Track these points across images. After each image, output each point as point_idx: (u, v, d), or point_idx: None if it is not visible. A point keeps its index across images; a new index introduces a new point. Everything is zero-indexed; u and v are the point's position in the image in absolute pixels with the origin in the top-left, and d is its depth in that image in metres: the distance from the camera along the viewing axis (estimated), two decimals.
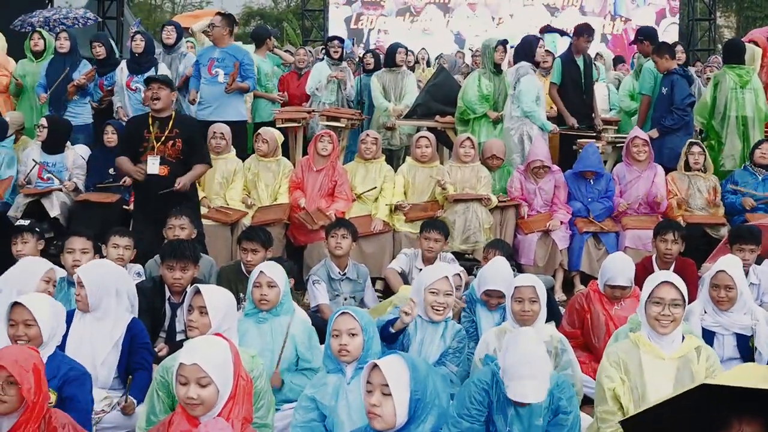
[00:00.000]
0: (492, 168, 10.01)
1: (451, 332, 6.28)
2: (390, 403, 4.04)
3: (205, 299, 5.27)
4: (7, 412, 4.20)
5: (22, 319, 5.12)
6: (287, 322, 6.09)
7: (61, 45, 11.27)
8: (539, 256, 9.35)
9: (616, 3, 25.37)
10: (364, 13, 25.43)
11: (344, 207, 9.69)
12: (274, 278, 6.07)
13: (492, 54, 10.88)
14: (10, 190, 9.85)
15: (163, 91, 8.35)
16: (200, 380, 4.19)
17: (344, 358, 5.12)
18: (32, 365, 4.24)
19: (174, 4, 45.71)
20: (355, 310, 5.24)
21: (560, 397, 5.01)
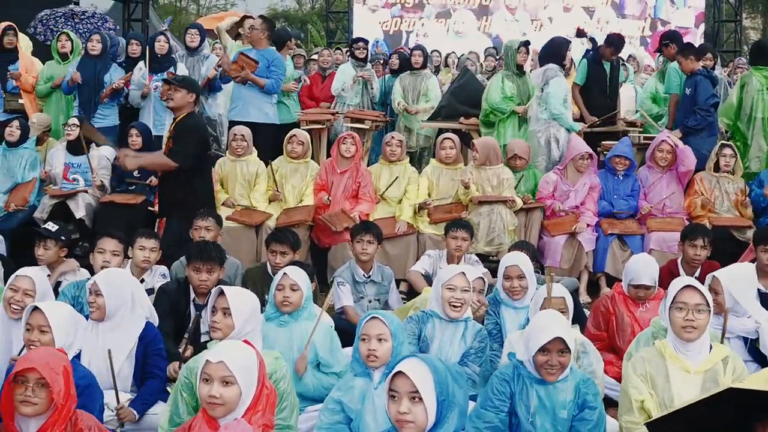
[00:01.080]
0: (515, 168, 9.98)
1: (472, 332, 6.26)
2: (420, 408, 4.01)
3: (229, 301, 5.27)
4: (36, 414, 4.20)
5: (37, 324, 5.14)
6: (309, 327, 6.08)
7: (92, 47, 11.30)
8: (565, 258, 9.32)
9: (656, 6, 25.17)
10: (403, 17, 25.37)
11: (368, 209, 9.68)
12: (298, 281, 6.07)
13: (515, 55, 10.87)
14: (35, 192, 9.87)
15: (178, 92, 8.36)
16: (224, 378, 4.19)
17: (372, 363, 5.10)
18: (62, 368, 4.24)
19: (199, 6, 45.87)
20: (386, 315, 5.20)
21: (586, 392, 5.00)
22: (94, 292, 5.87)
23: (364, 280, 7.95)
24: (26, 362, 4.21)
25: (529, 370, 5.07)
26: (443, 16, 25.31)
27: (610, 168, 9.90)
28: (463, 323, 6.24)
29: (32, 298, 5.89)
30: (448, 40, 23.71)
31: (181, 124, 8.43)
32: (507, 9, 25.09)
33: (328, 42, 27.07)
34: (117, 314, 5.89)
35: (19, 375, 4.19)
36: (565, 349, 4.95)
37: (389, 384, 4.08)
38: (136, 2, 21.61)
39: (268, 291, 6.90)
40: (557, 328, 4.94)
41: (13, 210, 9.57)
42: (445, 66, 16.99)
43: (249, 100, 10.75)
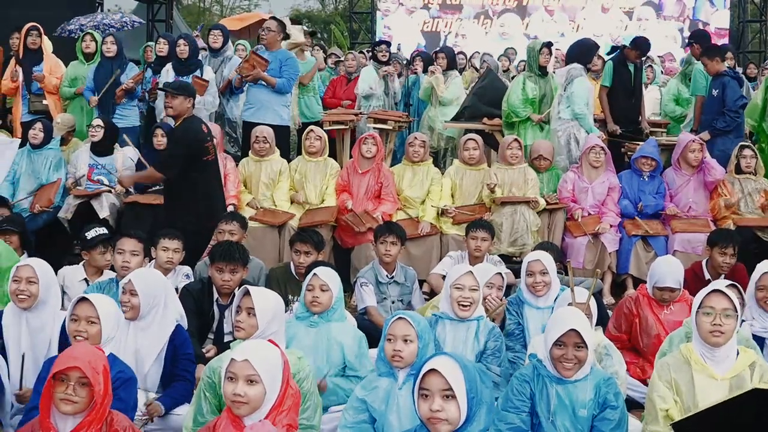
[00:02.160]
0: (539, 169, 9.97)
1: (485, 331, 6.23)
2: (453, 405, 4.01)
3: (254, 301, 5.27)
4: (75, 413, 4.22)
5: (85, 315, 5.18)
6: (338, 330, 6.08)
7: (108, 49, 11.33)
8: (588, 259, 9.29)
9: (695, 7, 25.06)
10: (441, 17, 25.36)
11: (391, 209, 9.68)
12: (328, 282, 6.06)
13: (537, 57, 10.84)
14: (60, 193, 9.90)
15: (175, 99, 8.33)
16: (249, 377, 4.19)
17: (397, 364, 5.09)
18: (102, 367, 4.26)
19: (222, 7, 45.94)
20: (412, 316, 5.19)
21: (607, 391, 4.98)
22: (129, 291, 5.89)
23: (387, 281, 7.95)
24: (69, 360, 4.21)
25: (548, 368, 5.07)
26: (482, 17, 25.26)
27: (635, 169, 9.85)
28: (474, 322, 6.23)
29: (36, 285, 5.90)
30: (492, 41, 23.60)
31: (172, 132, 8.50)
32: (545, 10, 25.02)
33: (351, 43, 27.09)
34: (149, 314, 5.92)
35: (60, 373, 4.19)
36: (582, 344, 4.94)
37: (420, 382, 4.07)
38: (160, 3, 21.66)
39: (292, 291, 6.92)
40: (573, 321, 4.95)
41: (38, 211, 9.59)
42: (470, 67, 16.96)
43: (264, 103, 10.74)
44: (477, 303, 6.22)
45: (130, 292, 5.88)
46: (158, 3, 21.57)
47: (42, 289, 5.92)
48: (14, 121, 11.74)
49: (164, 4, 21.70)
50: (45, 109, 11.49)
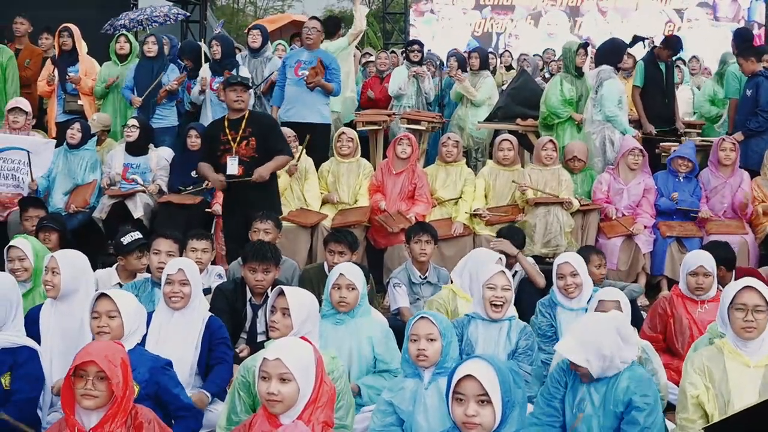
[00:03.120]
0: (574, 171, 9.94)
1: (516, 330, 6.22)
2: (489, 410, 4.00)
3: (289, 301, 5.28)
4: (97, 407, 4.24)
5: (105, 310, 5.20)
6: (364, 325, 6.10)
7: (149, 49, 11.37)
8: (622, 260, 9.25)
9: (750, 9, 24.82)
10: (494, 18, 25.32)
11: (424, 210, 9.68)
12: (354, 281, 6.07)
13: (573, 57, 10.80)
14: (95, 193, 9.95)
15: (245, 93, 8.44)
16: (282, 375, 4.20)
17: (422, 363, 5.09)
18: (120, 360, 4.28)
19: (256, 8, 46.07)
20: (435, 315, 5.20)
21: (635, 393, 4.93)
22: (179, 282, 6.00)
23: (420, 282, 7.94)
24: (85, 356, 4.24)
25: None
26: (535, 18, 25.19)
27: (671, 170, 9.80)
28: (506, 322, 6.21)
29: (59, 276, 5.98)
30: (540, 41, 23.51)
31: (254, 122, 8.49)
32: (598, 10, 24.90)
33: (384, 43, 27.08)
34: (193, 302, 6.06)
35: (79, 368, 4.22)
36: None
37: (455, 386, 4.07)
38: (194, 4, 21.74)
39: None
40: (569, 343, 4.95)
41: (73, 211, 9.65)
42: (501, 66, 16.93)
43: (304, 102, 10.75)
44: (509, 303, 6.21)
45: (181, 283, 6.01)
46: (192, 4, 21.66)
47: (66, 279, 5.98)
48: (49, 120, 11.81)
49: (198, 4, 21.78)
50: (80, 110, 11.54)
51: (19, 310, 5.56)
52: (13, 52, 12.29)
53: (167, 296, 6.02)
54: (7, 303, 5.43)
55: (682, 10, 24.77)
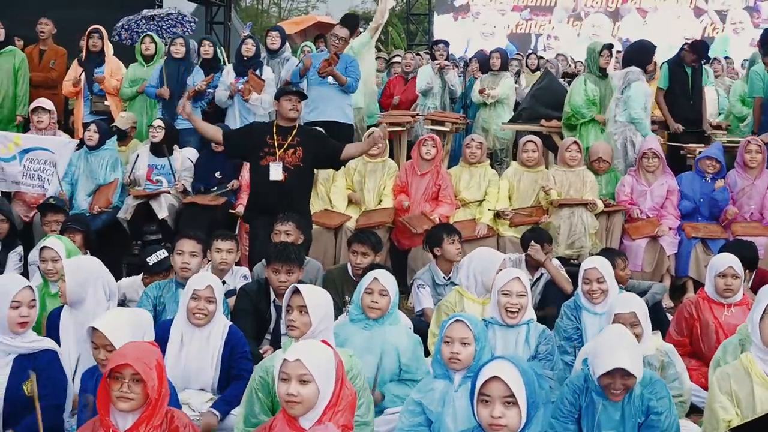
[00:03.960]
0: (598, 172, 9.90)
1: (535, 334, 6.18)
2: (514, 412, 4.00)
3: (305, 298, 5.27)
4: (132, 409, 4.25)
5: (102, 344, 5.00)
6: (393, 333, 6.07)
7: (176, 50, 11.40)
8: (647, 262, 9.21)
9: None
10: (532, 19, 25.27)
11: (449, 211, 9.66)
12: (387, 287, 6.05)
13: (597, 58, 10.78)
14: (118, 193, 9.98)
15: (300, 104, 8.49)
16: (302, 377, 4.19)
17: (454, 366, 5.08)
18: (155, 362, 4.29)
19: (280, 9, 46.13)
20: (470, 318, 5.17)
21: (650, 398, 4.94)
22: (205, 299, 5.91)
23: (444, 283, 7.92)
24: (120, 358, 4.25)
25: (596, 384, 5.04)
26: (574, 19, 25.11)
27: (699, 171, 9.75)
28: (524, 326, 6.17)
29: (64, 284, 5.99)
30: (578, 44, 23.45)
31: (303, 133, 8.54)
32: (639, 12, 24.78)
33: (408, 44, 27.10)
34: (215, 318, 5.99)
35: (114, 371, 4.23)
36: (630, 375, 4.88)
37: (480, 388, 4.05)
38: (218, 5, 21.80)
39: (349, 292, 6.91)
40: (620, 355, 4.86)
41: (97, 212, 9.67)
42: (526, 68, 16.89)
43: (328, 100, 10.74)
44: (525, 309, 6.17)
45: (209, 300, 5.93)
46: (216, 5, 21.71)
47: (71, 287, 5.98)
48: (76, 121, 11.86)
49: (222, 6, 21.83)
50: (107, 110, 11.59)
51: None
52: (38, 53, 12.36)
53: (191, 312, 5.93)
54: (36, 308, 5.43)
55: (723, 12, 24.61)
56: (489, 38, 24.55)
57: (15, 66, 11.65)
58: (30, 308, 5.36)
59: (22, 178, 10.02)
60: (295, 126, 8.50)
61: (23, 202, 9.97)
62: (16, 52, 11.81)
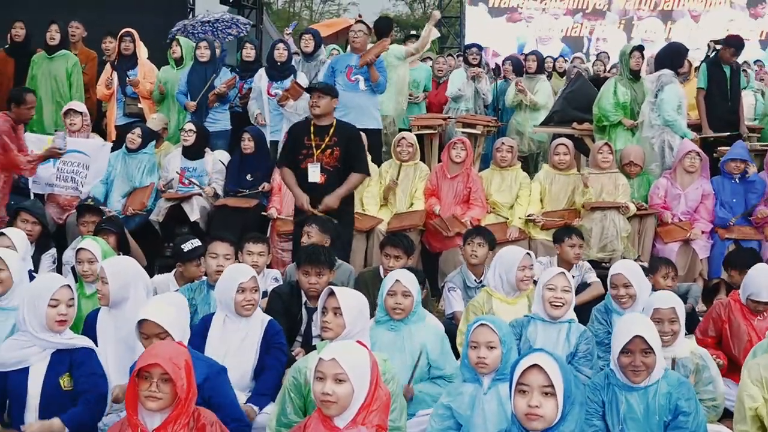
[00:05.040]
0: (630, 175, 9.86)
1: (576, 334, 6.21)
2: (552, 403, 3.99)
3: (340, 300, 5.29)
4: (160, 409, 4.27)
5: (152, 333, 5.09)
6: (419, 331, 6.07)
7: (201, 54, 11.43)
8: (679, 266, 9.10)
9: None
10: (584, 24, 25.23)
11: (480, 214, 9.65)
12: (409, 287, 6.05)
13: (627, 61, 10.75)
14: (153, 196, 10.02)
15: (323, 99, 8.39)
16: (337, 376, 4.20)
17: (482, 370, 5.07)
18: (184, 362, 4.31)
19: (312, 12, 46.27)
20: (494, 321, 5.17)
21: (679, 397, 4.94)
22: (251, 289, 6.04)
23: (475, 286, 7.90)
24: (150, 358, 4.27)
25: (618, 376, 5.06)
26: (627, 23, 25.02)
27: (725, 173, 9.69)
28: (566, 324, 6.21)
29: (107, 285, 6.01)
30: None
31: (341, 132, 8.45)
32: (690, 16, 24.67)
33: (439, 47, 27.06)
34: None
35: (143, 370, 4.25)
36: (649, 350, 4.92)
37: (519, 377, 4.04)
38: (251, 8, 21.84)
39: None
40: (638, 327, 4.95)
41: (131, 214, 9.72)
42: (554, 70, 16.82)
43: (359, 107, 10.74)
44: (569, 304, 6.20)
45: (253, 290, 6.03)
46: (248, 8, 21.76)
47: (114, 289, 6.01)
48: (108, 123, 11.90)
49: (254, 9, 21.88)
50: (140, 113, 11.65)
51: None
52: None
53: (240, 305, 5.98)
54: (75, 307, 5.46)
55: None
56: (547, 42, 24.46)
57: (68, 70, 11.73)
58: (68, 307, 5.38)
59: (55, 180, 10.10)
60: (332, 124, 8.47)
61: (56, 204, 10.03)
62: (69, 55, 11.88)
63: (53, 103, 11.56)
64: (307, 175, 8.30)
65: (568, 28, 25.33)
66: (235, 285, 5.99)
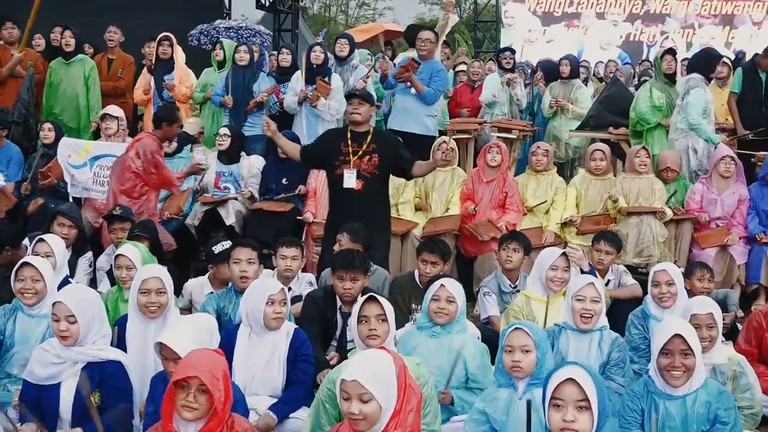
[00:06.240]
0: (667, 180, 9.79)
1: (608, 342, 6.15)
2: (587, 417, 3.97)
3: (385, 306, 5.35)
4: (195, 419, 4.27)
5: (172, 357, 5.00)
6: (460, 340, 6.03)
7: (240, 58, 11.48)
8: (716, 271, 9.04)
9: None
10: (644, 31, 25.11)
11: (515, 219, 9.62)
12: (454, 294, 6.03)
13: (660, 64, 10.70)
14: (189, 201, 10.06)
15: (363, 106, 8.41)
16: (361, 396, 4.16)
17: (517, 374, 5.05)
18: (222, 373, 4.31)
19: (347, 17, 46.37)
20: (529, 326, 5.15)
21: (718, 407, 4.90)
22: (280, 302, 5.95)
23: (510, 290, 7.88)
24: (189, 369, 4.26)
25: (657, 383, 5.04)
26: (687, 29, 24.87)
27: (763, 182, 9.63)
28: (597, 333, 6.14)
29: (166, 295, 5.95)
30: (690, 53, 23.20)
31: (378, 139, 8.45)
32: (752, 22, 24.47)
33: (475, 51, 27.03)
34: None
35: (181, 380, 4.25)
36: (689, 351, 4.89)
37: (553, 391, 4.02)
38: (287, 13, 21.91)
39: (416, 300, 6.89)
40: (678, 327, 4.94)
41: (167, 218, 9.76)
42: (593, 76, 16.75)
43: (410, 112, 10.74)
44: (599, 315, 6.13)
45: (282, 303, 5.97)
46: (284, 13, 21.84)
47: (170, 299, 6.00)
48: (145, 128, 11.93)
49: (290, 14, 21.95)
50: None
51: (105, 323, 5.56)
52: (106, 62, 12.53)
53: (269, 318, 5.94)
54: (88, 319, 5.39)
55: None
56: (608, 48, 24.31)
57: (85, 74, 11.81)
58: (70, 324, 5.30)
59: (92, 184, 10.13)
60: (370, 131, 8.48)
61: (93, 208, 10.06)
62: (86, 60, 11.97)
63: (73, 109, 11.68)
64: (342, 181, 8.30)
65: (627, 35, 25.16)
66: (264, 297, 5.94)
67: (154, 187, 9.23)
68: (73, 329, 5.29)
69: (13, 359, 6.07)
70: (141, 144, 9.00)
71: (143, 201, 9.10)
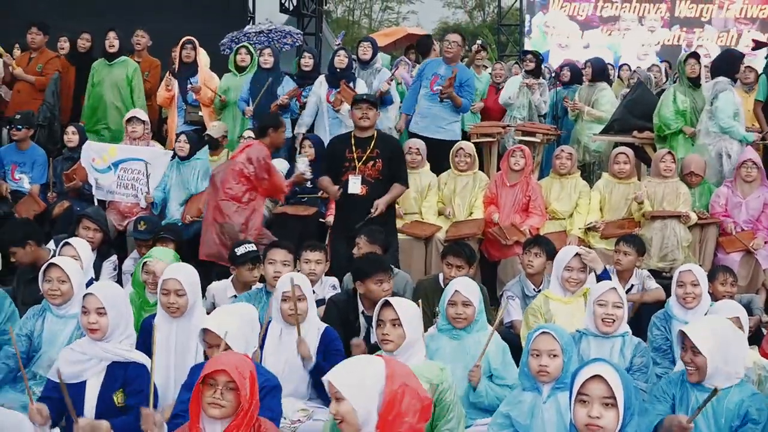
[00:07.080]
0: (691, 185, 9.75)
1: (631, 347, 6.15)
2: (612, 414, 3.97)
3: (398, 311, 5.30)
4: (222, 417, 4.29)
5: (216, 343, 5.15)
6: (481, 340, 6.03)
7: (265, 61, 11.49)
8: (741, 276, 9.01)
9: None
10: (682, 35, 25.07)
11: (539, 223, 9.61)
12: (469, 296, 6.05)
13: (684, 68, 10.65)
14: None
15: (371, 111, 8.44)
16: (336, 394, 4.11)
17: (543, 378, 5.05)
18: (249, 372, 4.32)
19: (371, 20, 46.41)
20: (556, 330, 5.14)
21: (750, 405, 4.90)
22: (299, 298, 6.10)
23: (533, 294, 7.84)
24: (217, 365, 4.30)
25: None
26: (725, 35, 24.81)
27: None
28: (620, 338, 6.15)
29: (185, 296, 5.96)
30: None
31: (382, 143, 8.51)
32: None
33: (499, 55, 27.02)
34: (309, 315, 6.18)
35: (208, 377, 4.28)
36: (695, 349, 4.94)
37: (580, 387, 4.01)
38: (310, 17, 21.96)
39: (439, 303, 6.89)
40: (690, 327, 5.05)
41: (189, 221, 9.78)
42: (617, 78, 16.68)
43: (433, 116, 10.76)
44: (621, 320, 6.13)
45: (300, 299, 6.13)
46: (308, 17, 21.88)
47: (191, 301, 6.01)
48: (169, 131, 11.97)
49: (314, 17, 22.00)
50: (200, 120, 11.68)
51: (130, 324, 5.59)
52: None
53: (285, 313, 6.10)
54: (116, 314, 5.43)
55: None
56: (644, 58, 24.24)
57: (128, 75, 11.89)
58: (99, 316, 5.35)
59: (116, 187, 10.19)
60: (373, 136, 8.50)
61: (117, 211, 10.11)
62: (128, 61, 12.03)
63: (115, 110, 11.73)
64: (347, 187, 8.32)
65: (665, 40, 25.09)
66: (279, 294, 6.10)
67: (264, 194, 9.15)
68: (102, 322, 5.33)
69: (39, 360, 6.11)
70: (253, 150, 8.94)
71: (251, 210, 8.98)
